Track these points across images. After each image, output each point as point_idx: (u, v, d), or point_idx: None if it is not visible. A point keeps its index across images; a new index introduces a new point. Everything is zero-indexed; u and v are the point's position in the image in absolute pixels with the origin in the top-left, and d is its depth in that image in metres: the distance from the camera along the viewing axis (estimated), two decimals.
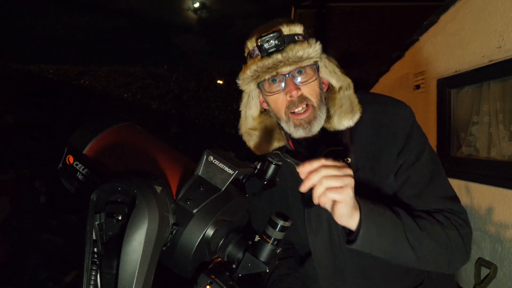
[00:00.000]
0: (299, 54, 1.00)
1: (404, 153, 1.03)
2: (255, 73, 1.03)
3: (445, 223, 0.97)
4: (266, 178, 0.83)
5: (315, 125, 1.07)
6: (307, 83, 1.05)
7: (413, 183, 1.02)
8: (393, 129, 1.05)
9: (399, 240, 0.92)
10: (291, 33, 1.02)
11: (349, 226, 0.90)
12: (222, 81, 9.65)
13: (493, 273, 2.16)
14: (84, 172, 0.80)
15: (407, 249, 0.93)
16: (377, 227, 0.90)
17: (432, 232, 0.95)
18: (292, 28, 1.02)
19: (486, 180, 2.42)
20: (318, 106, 1.07)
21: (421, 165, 1.03)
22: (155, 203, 0.65)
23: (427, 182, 1.02)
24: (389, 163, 1.04)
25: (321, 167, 0.84)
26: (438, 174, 1.05)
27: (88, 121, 0.88)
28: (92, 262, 0.67)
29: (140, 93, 9.00)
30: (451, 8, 2.92)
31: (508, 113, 2.44)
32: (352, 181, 0.86)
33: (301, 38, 1.02)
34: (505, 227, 2.28)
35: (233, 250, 0.74)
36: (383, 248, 0.93)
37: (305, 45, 1.00)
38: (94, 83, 8.76)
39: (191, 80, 9.35)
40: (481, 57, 2.51)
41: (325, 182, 0.83)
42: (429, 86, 3.32)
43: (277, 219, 0.71)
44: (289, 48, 0.99)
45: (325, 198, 0.84)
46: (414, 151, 1.03)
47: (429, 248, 0.94)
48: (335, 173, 0.84)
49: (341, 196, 0.84)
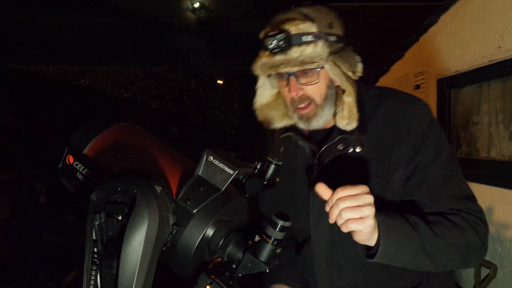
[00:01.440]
0: (301, 59, 0.99)
1: (421, 152, 1.02)
2: (262, 67, 1.06)
3: (463, 225, 0.97)
4: (266, 178, 0.83)
5: (314, 121, 1.08)
6: (310, 84, 1.05)
7: (430, 184, 1.02)
8: (407, 125, 1.04)
9: (418, 253, 0.93)
10: (299, 33, 1.00)
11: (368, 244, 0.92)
12: (222, 81, 9.65)
13: (493, 273, 2.16)
14: (84, 172, 0.80)
15: (425, 260, 0.94)
16: (396, 245, 0.90)
17: (450, 238, 0.95)
18: (302, 27, 1.00)
19: (486, 180, 2.42)
20: (321, 105, 1.07)
21: (438, 165, 1.02)
22: (155, 203, 0.65)
23: (444, 183, 1.01)
24: (399, 158, 1.03)
25: (338, 199, 0.84)
26: (455, 174, 1.04)
27: (88, 121, 0.88)
28: (92, 262, 0.67)
29: (140, 93, 9.01)
30: (451, 8, 2.92)
31: (508, 113, 2.44)
32: (373, 210, 0.85)
33: (309, 38, 1.00)
34: (505, 227, 2.28)
35: (233, 250, 0.74)
36: (401, 262, 0.94)
37: (310, 48, 0.99)
38: (94, 83, 8.76)
39: (191, 80, 9.36)
40: (481, 57, 2.52)
41: (344, 215, 0.83)
42: (429, 86, 3.32)
43: (277, 219, 0.71)
44: (293, 51, 0.99)
45: (347, 228, 0.85)
46: (431, 151, 1.02)
47: (448, 254, 0.95)
48: (353, 203, 0.84)
49: (361, 227, 0.84)
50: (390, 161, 1.03)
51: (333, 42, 1.04)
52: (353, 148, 1.05)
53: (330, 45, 1.03)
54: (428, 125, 1.04)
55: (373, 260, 0.91)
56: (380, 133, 1.06)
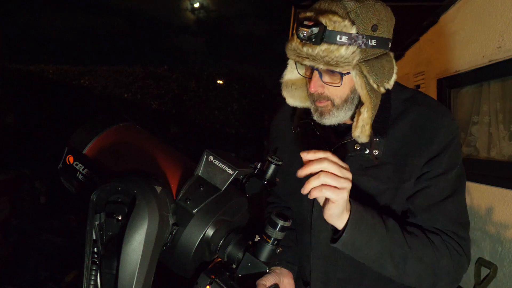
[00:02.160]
0: (326, 59, 0.93)
1: (433, 163, 0.99)
2: (289, 51, 1.00)
3: (440, 247, 0.95)
4: (266, 178, 0.83)
5: (326, 118, 1.04)
6: (331, 86, 1.00)
7: (428, 194, 0.99)
8: (431, 137, 1.00)
9: (382, 255, 0.91)
10: (335, 31, 0.91)
11: (336, 225, 0.90)
12: (222, 81, 9.65)
13: (493, 273, 2.16)
14: (84, 172, 0.80)
15: (388, 265, 0.92)
16: (361, 237, 0.89)
17: (420, 253, 0.93)
18: (338, 26, 0.91)
19: (486, 180, 2.42)
20: (338, 106, 1.02)
21: (445, 180, 0.99)
22: (155, 203, 0.65)
23: (443, 200, 0.98)
24: (415, 168, 1.00)
25: (324, 159, 0.83)
26: (457, 195, 1.00)
27: (88, 121, 0.88)
28: (92, 262, 0.67)
29: (140, 93, 9.01)
30: (451, 8, 2.92)
31: (508, 113, 2.44)
32: (349, 186, 0.85)
33: (344, 40, 0.91)
34: (505, 227, 2.28)
35: (233, 250, 0.74)
36: (363, 257, 0.93)
37: (340, 51, 0.91)
38: (94, 83, 8.76)
39: (191, 80, 9.36)
40: (481, 57, 2.52)
41: (323, 177, 0.82)
42: (429, 86, 3.33)
43: (277, 219, 0.71)
44: (322, 48, 0.91)
45: (319, 193, 0.83)
46: (443, 165, 0.99)
47: (414, 268, 0.93)
48: (336, 171, 0.83)
49: (335, 196, 0.83)
50: (406, 170, 1.00)
51: (371, 47, 0.95)
52: (370, 150, 1.01)
53: (364, 51, 0.94)
54: (450, 141, 1.00)
55: (335, 245, 0.90)
56: (402, 139, 1.02)
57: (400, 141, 1.02)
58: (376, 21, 0.95)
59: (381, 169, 1.01)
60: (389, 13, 0.99)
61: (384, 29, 0.97)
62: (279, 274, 1.11)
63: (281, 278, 1.11)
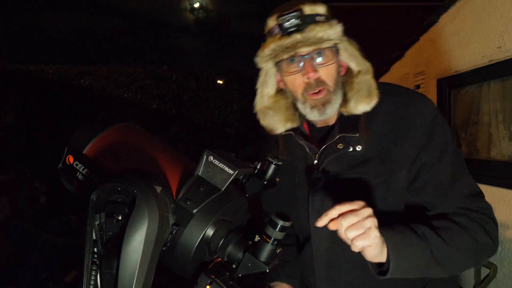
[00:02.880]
0: (319, 35, 0.97)
1: (426, 151, 1.00)
2: (274, 52, 1.02)
3: (472, 226, 0.96)
4: (266, 178, 0.83)
5: (328, 108, 1.05)
6: (325, 66, 1.02)
7: (437, 183, 1.00)
8: (410, 123, 1.01)
9: (429, 264, 0.92)
10: (312, 13, 0.99)
11: (379, 261, 0.89)
12: (222, 81, 9.65)
13: (493, 273, 2.16)
14: (84, 172, 0.80)
15: (437, 269, 0.93)
16: (407, 259, 0.89)
17: (460, 243, 0.94)
18: (314, 8, 1.00)
19: (486, 180, 2.42)
20: (334, 91, 1.05)
21: (444, 163, 1.00)
22: (155, 203, 0.65)
23: (452, 181, 1.00)
24: (402, 157, 1.00)
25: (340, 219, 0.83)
26: (461, 171, 1.03)
27: (88, 121, 0.88)
28: (92, 262, 0.67)
29: (140, 93, 9.00)
30: (451, 8, 2.92)
31: (508, 113, 2.44)
32: (375, 221, 0.84)
33: (322, 19, 1.00)
34: (505, 227, 2.28)
35: (233, 250, 0.74)
36: (414, 274, 0.93)
37: (326, 26, 0.98)
38: (94, 83, 8.76)
39: (191, 80, 9.35)
40: (481, 57, 2.52)
41: (349, 234, 0.82)
42: (429, 86, 3.32)
43: (277, 219, 0.71)
44: (310, 28, 0.97)
45: (355, 248, 0.84)
46: (437, 149, 1.00)
47: (460, 259, 0.94)
48: (354, 220, 0.83)
49: (368, 242, 0.83)
50: (393, 160, 1.01)
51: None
52: (353, 147, 1.03)
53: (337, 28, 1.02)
54: (432, 121, 1.02)
55: (386, 277, 0.89)
56: (382, 131, 1.03)
57: (380, 134, 1.03)
58: (325, 6, 1.04)
59: (369, 164, 1.02)
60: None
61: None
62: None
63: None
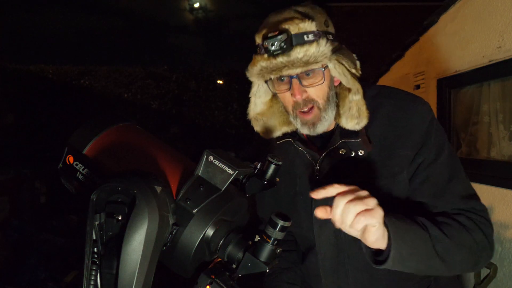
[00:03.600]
0: (304, 59, 0.95)
1: (423, 151, 1.00)
2: (261, 72, 1.01)
3: (470, 225, 0.95)
4: (266, 178, 0.83)
5: (319, 126, 1.06)
6: (314, 86, 1.02)
7: (433, 183, 1.00)
8: (408, 125, 1.02)
9: (430, 254, 0.89)
10: (300, 32, 0.95)
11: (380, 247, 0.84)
12: (222, 81, 9.65)
13: (493, 273, 2.16)
14: (84, 172, 0.80)
15: (437, 262, 0.90)
16: (408, 246, 0.85)
17: (459, 239, 0.92)
18: (302, 26, 0.96)
19: (486, 180, 2.42)
20: (324, 108, 1.04)
21: (440, 163, 1.00)
22: (155, 203, 0.65)
23: (447, 181, 1.00)
24: (403, 159, 1.01)
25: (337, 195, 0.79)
26: (457, 172, 1.02)
27: (88, 121, 0.88)
28: (92, 262, 0.67)
29: (140, 93, 9.00)
30: (451, 8, 2.92)
31: (508, 113, 2.44)
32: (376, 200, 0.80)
33: (311, 38, 0.96)
34: (505, 227, 2.28)
35: (233, 250, 0.74)
36: (414, 265, 0.89)
37: (313, 47, 0.95)
38: (94, 83, 8.75)
39: (191, 80, 9.35)
40: (481, 57, 2.51)
41: (353, 208, 0.76)
42: (429, 86, 3.32)
43: (277, 219, 0.71)
44: (295, 51, 0.94)
45: (358, 225, 0.77)
46: (433, 150, 1.00)
47: (459, 256, 0.92)
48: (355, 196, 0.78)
49: (374, 219, 0.77)
50: (394, 163, 1.01)
51: (331, 40, 1.01)
52: (355, 152, 1.02)
53: (331, 43, 1.00)
54: (429, 124, 1.02)
55: (384, 266, 0.84)
56: (381, 134, 1.03)
57: (380, 137, 1.03)
58: (325, 18, 1.03)
59: (371, 168, 1.02)
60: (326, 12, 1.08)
61: (331, 25, 1.05)
62: None
63: None
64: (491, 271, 2.15)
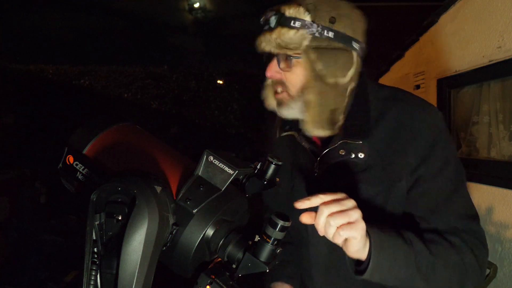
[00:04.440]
0: (277, 41, 0.97)
1: (426, 163, 0.96)
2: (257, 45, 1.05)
3: (461, 246, 0.92)
4: (266, 178, 0.83)
5: (284, 110, 1.05)
6: (284, 71, 1.02)
7: (431, 197, 0.96)
8: (415, 133, 0.97)
9: (411, 270, 0.87)
10: (290, 16, 0.96)
11: (360, 258, 0.84)
12: (222, 81, 9.65)
13: (493, 273, 2.16)
14: (84, 172, 0.80)
15: (419, 280, 0.88)
16: (389, 258, 0.84)
17: (446, 258, 0.90)
18: (296, 12, 0.96)
19: (486, 180, 2.42)
20: (294, 97, 1.03)
21: (443, 178, 0.96)
22: (155, 203, 0.65)
23: (447, 197, 0.96)
24: (404, 167, 0.97)
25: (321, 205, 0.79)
26: (459, 189, 0.98)
27: (88, 121, 0.88)
28: (92, 262, 0.67)
29: (140, 93, 9.00)
30: (451, 8, 2.92)
31: (508, 113, 2.44)
32: (360, 213, 0.80)
33: (296, 25, 0.95)
34: (505, 227, 2.28)
35: (233, 250, 0.74)
36: (393, 279, 0.88)
37: (290, 34, 0.95)
38: (94, 83, 8.76)
39: (191, 80, 9.35)
40: (481, 57, 2.52)
41: (333, 221, 0.77)
42: (429, 86, 3.33)
43: (277, 219, 0.71)
44: (276, 31, 0.96)
45: (339, 238, 0.78)
46: (438, 163, 0.96)
47: (443, 275, 0.90)
48: (339, 208, 0.78)
49: (355, 232, 0.78)
50: (394, 169, 0.98)
51: (328, 38, 0.96)
52: (355, 154, 1.00)
53: (318, 39, 0.96)
54: (438, 134, 0.98)
55: (363, 276, 0.84)
56: (386, 138, 1.00)
57: (384, 141, 1.00)
58: (335, 15, 0.97)
59: (370, 172, 0.99)
60: (356, 14, 1.01)
61: (346, 26, 0.98)
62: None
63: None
64: (491, 271, 2.15)
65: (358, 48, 1.01)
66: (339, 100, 1.02)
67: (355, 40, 1.00)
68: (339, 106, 1.02)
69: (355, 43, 1.00)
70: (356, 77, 1.04)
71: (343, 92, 1.02)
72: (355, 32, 1.00)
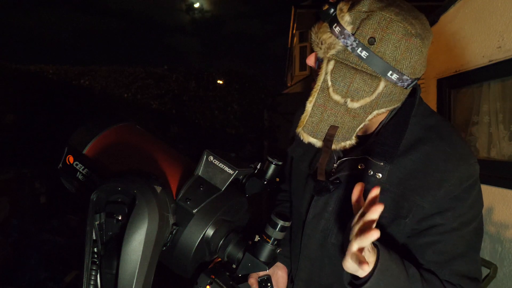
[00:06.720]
0: (313, 38, 0.94)
1: (445, 216, 0.89)
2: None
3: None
4: (266, 178, 0.83)
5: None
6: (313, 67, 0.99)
7: (440, 250, 0.91)
8: (441, 179, 0.89)
9: None
10: (336, 18, 0.90)
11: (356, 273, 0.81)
12: (222, 81, 9.65)
13: (493, 273, 2.16)
14: (84, 172, 0.80)
15: None
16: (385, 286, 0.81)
17: None
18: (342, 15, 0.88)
19: (486, 180, 2.42)
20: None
21: (458, 238, 0.90)
22: (155, 203, 0.65)
23: (455, 257, 0.90)
24: (416, 207, 0.91)
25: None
26: (472, 251, 0.93)
27: (88, 121, 0.88)
28: (92, 262, 0.67)
29: (140, 93, 9.01)
30: (451, 8, 2.92)
31: (508, 113, 2.44)
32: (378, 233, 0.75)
33: (336, 30, 0.89)
34: (505, 227, 2.28)
35: (233, 250, 0.74)
36: None
37: (326, 35, 0.91)
38: (94, 83, 8.76)
39: (191, 80, 9.36)
40: (481, 57, 2.51)
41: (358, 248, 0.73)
42: (429, 86, 3.32)
43: (277, 219, 0.71)
44: (319, 25, 0.94)
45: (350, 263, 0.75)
46: (458, 219, 0.89)
47: None
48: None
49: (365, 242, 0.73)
50: (405, 205, 0.92)
51: (359, 57, 0.86)
52: (373, 172, 0.94)
53: (347, 53, 0.88)
54: (464, 190, 0.90)
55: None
56: (411, 171, 0.92)
57: (407, 172, 0.92)
58: (379, 36, 0.84)
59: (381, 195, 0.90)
60: (415, 46, 0.86)
61: (386, 52, 0.85)
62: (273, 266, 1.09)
63: (275, 270, 1.11)
64: (491, 271, 2.15)
65: (396, 79, 0.88)
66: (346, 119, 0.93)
67: (395, 70, 0.87)
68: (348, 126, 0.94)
69: (394, 73, 0.87)
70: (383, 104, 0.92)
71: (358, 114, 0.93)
72: (398, 62, 0.86)
